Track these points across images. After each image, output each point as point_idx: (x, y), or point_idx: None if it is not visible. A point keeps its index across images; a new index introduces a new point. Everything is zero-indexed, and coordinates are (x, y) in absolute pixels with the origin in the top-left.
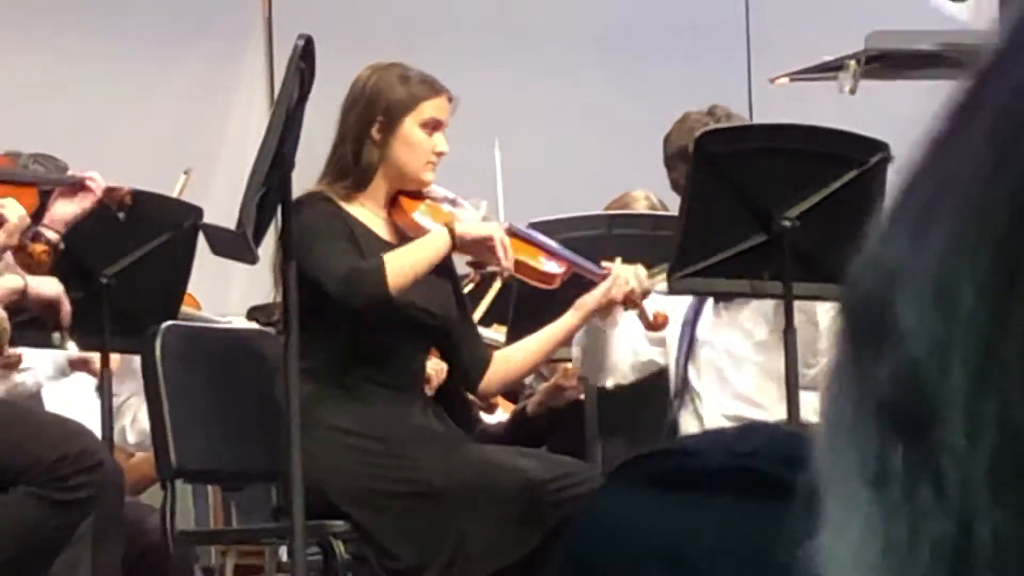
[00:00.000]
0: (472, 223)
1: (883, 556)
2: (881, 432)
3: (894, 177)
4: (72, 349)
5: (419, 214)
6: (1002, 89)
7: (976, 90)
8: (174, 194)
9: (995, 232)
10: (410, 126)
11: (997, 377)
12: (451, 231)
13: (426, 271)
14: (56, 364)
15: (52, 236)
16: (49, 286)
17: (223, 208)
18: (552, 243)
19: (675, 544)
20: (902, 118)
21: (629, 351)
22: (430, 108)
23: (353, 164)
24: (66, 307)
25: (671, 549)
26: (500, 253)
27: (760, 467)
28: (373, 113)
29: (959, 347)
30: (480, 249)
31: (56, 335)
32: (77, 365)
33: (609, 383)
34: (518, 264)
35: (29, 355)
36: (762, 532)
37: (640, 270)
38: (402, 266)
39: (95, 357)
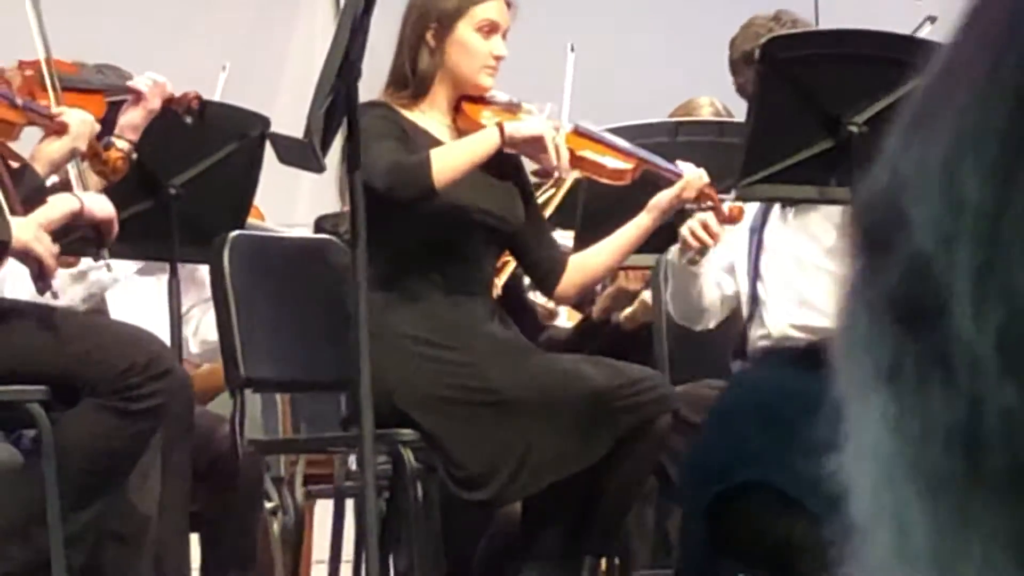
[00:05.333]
0: (523, 122)
1: (899, 449)
2: (893, 330)
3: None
4: (113, 271)
5: (481, 119)
6: None
7: None
8: (216, 92)
9: (997, 122)
10: (464, 30)
11: (1002, 260)
12: (500, 129)
13: (473, 167)
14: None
15: (123, 145)
16: (103, 206)
17: (290, 118)
18: (621, 141)
19: (769, 402)
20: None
21: (715, 288)
22: (484, 11)
23: (411, 73)
24: (115, 228)
25: (765, 406)
26: (551, 152)
27: None
28: (427, 20)
29: (966, 235)
30: (531, 148)
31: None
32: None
33: (712, 324)
34: (587, 162)
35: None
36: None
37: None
38: (447, 160)
39: None
